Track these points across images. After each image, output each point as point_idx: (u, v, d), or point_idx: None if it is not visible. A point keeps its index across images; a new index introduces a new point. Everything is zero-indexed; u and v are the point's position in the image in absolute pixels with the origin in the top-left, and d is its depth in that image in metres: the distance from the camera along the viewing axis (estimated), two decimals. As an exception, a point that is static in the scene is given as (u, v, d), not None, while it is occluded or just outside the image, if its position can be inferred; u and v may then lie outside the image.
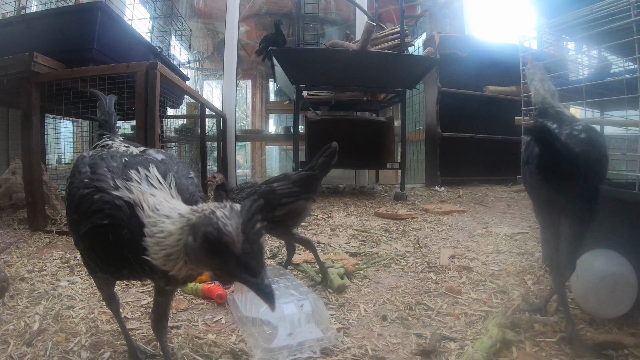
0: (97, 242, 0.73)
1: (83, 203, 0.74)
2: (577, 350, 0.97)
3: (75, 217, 0.76)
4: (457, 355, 0.99)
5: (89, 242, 0.75)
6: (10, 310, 1.22)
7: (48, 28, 2.51)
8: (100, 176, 0.76)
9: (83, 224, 0.73)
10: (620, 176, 2.48)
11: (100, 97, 1.16)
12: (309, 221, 2.51)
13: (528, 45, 1.80)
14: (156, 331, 0.91)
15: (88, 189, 0.74)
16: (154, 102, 2.21)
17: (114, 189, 0.73)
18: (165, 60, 3.42)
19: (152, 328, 0.91)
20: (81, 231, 0.73)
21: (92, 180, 0.75)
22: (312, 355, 0.99)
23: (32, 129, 2.22)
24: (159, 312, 0.89)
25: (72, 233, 0.84)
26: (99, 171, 0.77)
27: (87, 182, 0.76)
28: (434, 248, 1.91)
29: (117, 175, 0.76)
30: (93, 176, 0.76)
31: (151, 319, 0.91)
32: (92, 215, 0.71)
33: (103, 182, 0.74)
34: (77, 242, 0.82)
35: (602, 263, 1.15)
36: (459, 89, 4.41)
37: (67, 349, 1.01)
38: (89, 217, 0.72)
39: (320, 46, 4.56)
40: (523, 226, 2.33)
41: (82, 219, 0.73)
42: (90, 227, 0.72)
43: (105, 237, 0.70)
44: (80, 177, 0.78)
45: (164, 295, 0.88)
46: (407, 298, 1.34)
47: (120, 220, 0.70)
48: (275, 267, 1.46)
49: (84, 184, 0.76)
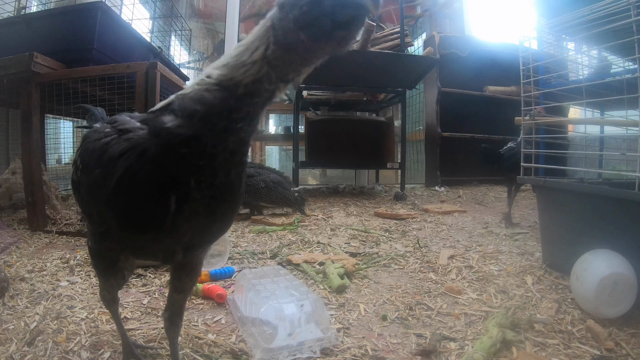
0: (138, 181, 0.59)
1: (108, 149, 0.62)
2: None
3: (98, 172, 0.63)
4: (457, 355, 0.99)
5: (125, 188, 0.60)
6: (10, 310, 1.22)
7: (48, 28, 2.51)
8: (122, 120, 0.65)
9: (111, 170, 0.60)
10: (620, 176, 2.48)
11: (90, 109, 1.10)
12: (309, 221, 2.51)
13: (528, 45, 1.79)
14: (169, 331, 0.87)
15: (110, 136, 0.64)
16: (154, 102, 2.21)
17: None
18: (165, 60, 3.42)
19: (165, 328, 0.88)
20: (111, 182, 0.60)
21: (113, 127, 0.65)
22: (312, 355, 0.99)
23: (32, 129, 2.22)
24: (174, 310, 0.85)
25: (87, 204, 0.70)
26: (119, 118, 0.67)
27: (108, 131, 0.65)
28: (434, 248, 1.91)
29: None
30: (114, 124, 0.66)
31: (164, 317, 0.87)
32: (124, 154, 0.60)
33: (128, 124, 0.63)
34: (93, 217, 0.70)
35: (602, 263, 1.15)
36: (459, 89, 4.41)
37: (67, 349, 1.01)
38: (119, 158, 0.60)
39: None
40: (523, 226, 2.33)
41: (110, 166, 0.61)
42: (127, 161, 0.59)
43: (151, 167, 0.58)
44: (93, 134, 0.68)
45: (183, 292, 0.84)
46: (407, 298, 1.34)
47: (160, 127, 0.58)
48: (275, 267, 1.46)
49: (104, 134, 0.65)
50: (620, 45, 1.42)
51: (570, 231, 1.45)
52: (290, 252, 1.84)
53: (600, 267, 1.14)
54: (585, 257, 1.21)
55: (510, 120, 2.39)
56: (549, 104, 2.00)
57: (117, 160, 0.60)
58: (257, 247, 1.95)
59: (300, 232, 2.22)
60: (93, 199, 0.67)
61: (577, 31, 1.61)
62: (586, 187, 1.40)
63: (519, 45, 1.80)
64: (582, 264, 1.21)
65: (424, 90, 4.79)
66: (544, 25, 1.85)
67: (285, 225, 2.34)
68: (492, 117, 4.37)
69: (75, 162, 0.74)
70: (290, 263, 1.68)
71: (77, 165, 0.73)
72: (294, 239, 2.08)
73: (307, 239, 2.06)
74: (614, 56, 2.53)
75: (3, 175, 2.62)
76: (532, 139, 1.71)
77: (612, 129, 2.96)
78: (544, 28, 1.82)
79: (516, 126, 2.10)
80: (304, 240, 2.05)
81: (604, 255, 1.18)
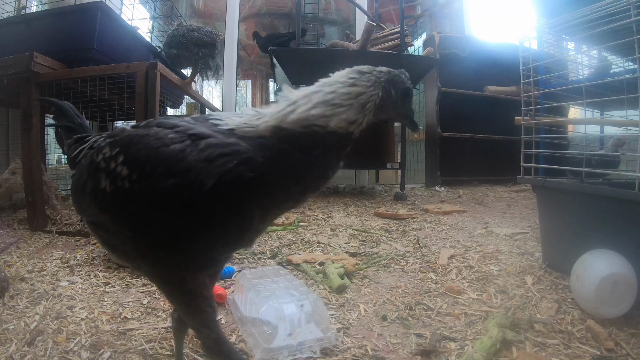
0: (240, 188, 0.57)
1: (185, 157, 0.57)
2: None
3: (172, 182, 0.57)
4: (457, 355, 0.99)
5: (219, 199, 0.57)
6: (10, 310, 1.22)
7: (48, 28, 2.52)
8: (185, 125, 0.62)
9: (203, 180, 0.56)
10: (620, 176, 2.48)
11: (57, 103, 1.03)
12: (309, 221, 2.51)
13: (528, 45, 1.79)
14: (177, 331, 0.85)
15: (181, 142, 0.59)
16: (154, 102, 2.21)
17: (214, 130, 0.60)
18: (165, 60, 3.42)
19: (173, 329, 0.85)
20: (203, 190, 0.56)
21: (179, 132, 0.60)
22: (312, 355, 0.99)
23: (32, 129, 2.22)
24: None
25: (146, 219, 0.61)
26: (177, 122, 0.63)
27: (174, 136, 0.60)
28: (434, 248, 1.91)
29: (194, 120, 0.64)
30: (176, 129, 0.61)
31: (173, 318, 0.84)
32: (215, 162, 0.56)
33: (196, 129, 0.60)
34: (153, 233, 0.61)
35: (602, 263, 1.15)
36: (459, 89, 4.41)
37: (67, 349, 1.01)
38: (209, 167, 0.56)
39: (321, 46, 4.56)
40: (523, 226, 2.33)
41: (194, 174, 0.56)
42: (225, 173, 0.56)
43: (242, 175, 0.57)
44: (148, 140, 0.61)
45: None
46: (407, 298, 1.34)
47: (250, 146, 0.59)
48: (275, 267, 1.46)
49: (170, 140, 0.59)
50: (620, 45, 1.42)
51: (570, 231, 1.45)
52: (290, 252, 1.84)
53: (600, 267, 1.14)
54: (585, 257, 1.21)
55: (510, 120, 2.39)
56: (549, 104, 2.00)
57: (209, 166, 0.56)
58: (257, 247, 1.95)
59: (300, 232, 2.22)
60: (160, 212, 0.59)
61: (577, 31, 1.61)
62: (586, 187, 1.40)
63: (519, 45, 1.80)
64: (582, 264, 1.21)
65: (424, 90, 4.79)
66: (544, 25, 1.85)
67: (285, 225, 2.34)
68: (492, 117, 4.36)
69: (113, 171, 0.64)
70: (290, 263, 1.68)
71: (119, 174, 0.63)
72: (294, 239, 2.08)
73: (307, 239, 2.06)
74: (614, 56, 2.53)
75: (3, 175, 2.62)
76: (532, 139, 1.71)
77: (612, 129, 2.96)
78: (544, 28, 1.82)
79: (516, 126, 2.10)
80: (304, 240, 2.05)
81: (604, 255, 1.18)
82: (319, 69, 0.59)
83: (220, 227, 0.60)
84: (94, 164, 0.70)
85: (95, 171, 0.69)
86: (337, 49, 3.46)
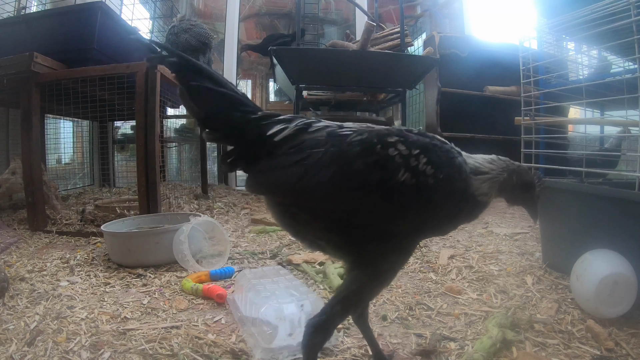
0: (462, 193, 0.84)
1: (463, 170, 0.84)
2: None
3: (458, 185, 0.83)
4: (457, 355, 0.99)
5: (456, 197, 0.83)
6: (10, 310, 1.23)
7: (48, 28, 2.52)
8: (453, 149, 0.89)
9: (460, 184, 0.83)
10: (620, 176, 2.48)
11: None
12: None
13: (528, 45, 1.79)
14: (361, 324, 0.94)
15: (457, 157, 0.86)
16: (154, 102, 2.21)
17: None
18: (165, 60, 3.43)
19: (354, 319, 0.94)
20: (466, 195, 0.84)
21: (452, 151, 0.87)
22: (312, 355, 0.99)
23: (32, 129, 2.22)
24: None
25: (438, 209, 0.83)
26: (448, 148, 0.88)
27: (455, 151, 0.87)
28: (433, 248, 1.91)
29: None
30: (450, 150, 0.87)
31: (354, 318, 0.94)
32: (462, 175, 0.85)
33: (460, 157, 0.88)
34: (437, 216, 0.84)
35: (602, 263, 1.15)
36: (459, 89, 4.40)
37: (67, 349, 1.01)
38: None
39: (320, 46, 4.56)
40: (523, 226, 2.33)
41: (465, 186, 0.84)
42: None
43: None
44: (439, 150, 0.85)
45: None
46: (407, 298, 1.34)
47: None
48: (275, 267, 1.46)
49: (454, 154, 0.86)
50: (620, 45, 1.43)
51: (570, 231, 1.45)
52: (290, 252, 1.84)
53: (600, 267, 1.14)
54: (585, 257, 1.21)
55: (510, 120, 2.39)
56: (548, 104, 2.00)
57: (467, 180, 0.84)
58: (257, 247, 1.95)
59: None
60: (447, 202, 0.82)
61: (577, 31, 1.62)
62: (586, 187, 1.41)
63: (519, 45, 1.80)
64: (582, 264, 1.21)
65: (424, 90, 4.79)
66: (544, 25, 1.85)
67: (285, 225, 2.34)
68: (492, 117, 4.36)
69: (423, 172, 0.79)
70: (290, 263, 1.68)
71: (422, 171, 0.79)
72: (294, 239, 2.08)
73: (307, 239, 2.06)
74: (614, 56, 2.53)
75: (3, 175, 2.63)
76: (532, 139, 1.71)
77: (612, 129, 2.96)
78: (544, 28, 1.83)
79: (516, 126, 2.10)
80: (304, 240, 2.05)
81: (604, 255, 1.18)
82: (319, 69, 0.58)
83: (446, 219, 0.87)
84: (374, 153, 0.78)
85: (413, 171, 0.81)
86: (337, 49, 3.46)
